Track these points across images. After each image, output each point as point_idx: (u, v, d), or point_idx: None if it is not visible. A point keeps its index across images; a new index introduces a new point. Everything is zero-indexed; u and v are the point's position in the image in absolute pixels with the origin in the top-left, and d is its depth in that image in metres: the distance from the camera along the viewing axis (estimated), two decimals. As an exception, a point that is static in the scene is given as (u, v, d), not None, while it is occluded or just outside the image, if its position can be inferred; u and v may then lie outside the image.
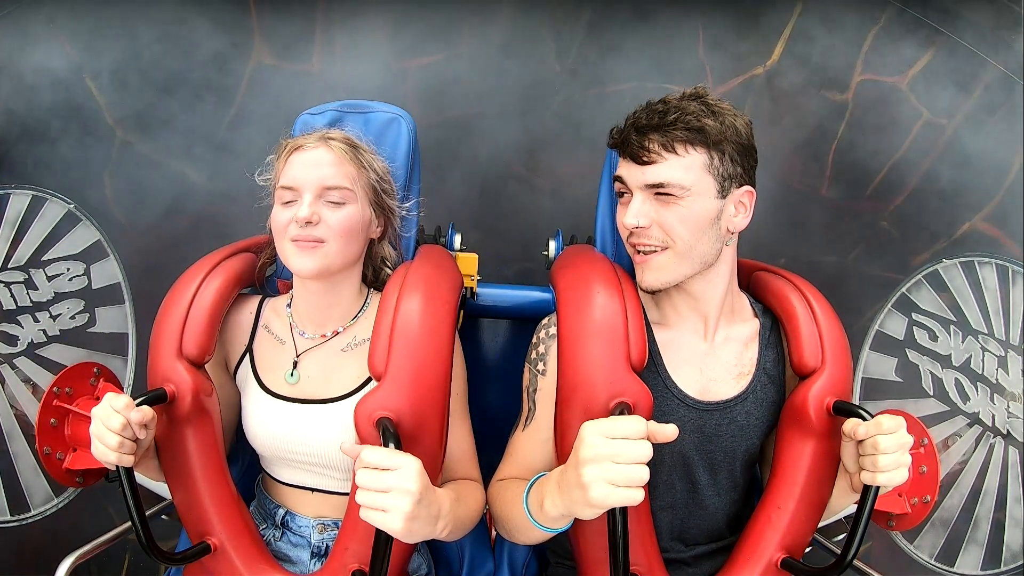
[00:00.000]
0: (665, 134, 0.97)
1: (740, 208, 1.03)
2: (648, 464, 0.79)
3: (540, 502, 0.90)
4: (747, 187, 1.03)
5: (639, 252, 1.03)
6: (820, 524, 1.05)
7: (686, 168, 0.97)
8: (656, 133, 0.97)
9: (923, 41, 1.74)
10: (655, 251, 1.01)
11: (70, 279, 1.78)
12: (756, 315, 1.13)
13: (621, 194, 1.06)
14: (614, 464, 0.78)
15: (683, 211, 0.99)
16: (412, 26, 1.77)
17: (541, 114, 1.81)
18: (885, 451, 0.88)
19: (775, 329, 1.12)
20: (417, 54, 1.78)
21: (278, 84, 1.78)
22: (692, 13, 1.76)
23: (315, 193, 1.04)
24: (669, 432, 0.82)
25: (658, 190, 0.99)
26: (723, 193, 1.00)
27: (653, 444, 0.80)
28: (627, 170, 1.02)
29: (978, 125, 1.75)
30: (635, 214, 1.00)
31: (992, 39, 1.73)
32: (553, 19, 1.77)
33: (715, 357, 1.08)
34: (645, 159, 0.98)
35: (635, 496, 0.78)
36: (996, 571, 1.81)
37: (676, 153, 0.97)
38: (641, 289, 1.05)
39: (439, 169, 1.83)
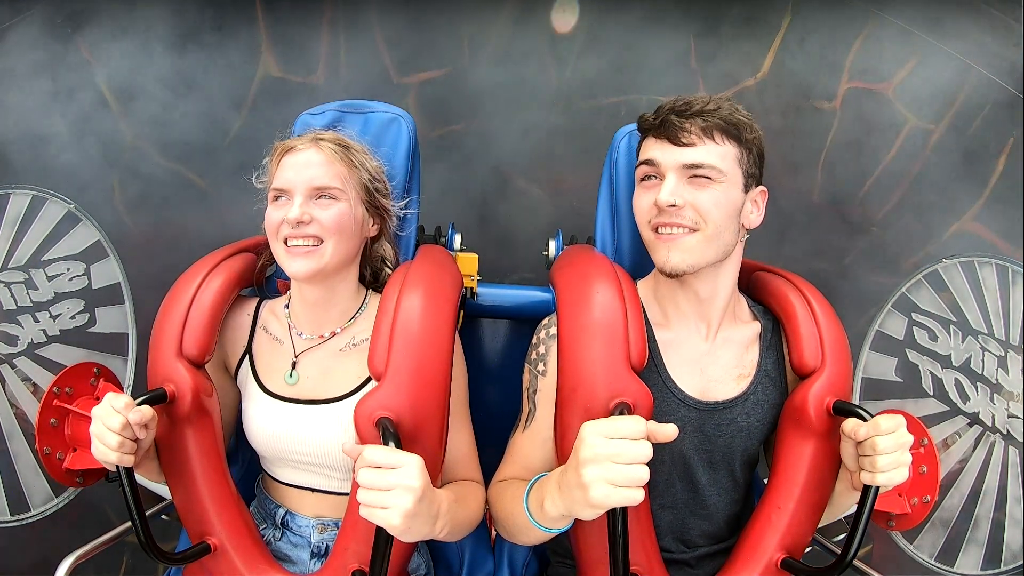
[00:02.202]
0: (706, 120, 1.00)
1: (755, 206, 1.07)
2: (648, 464, 0.79)
3: (540, 502, 0.90)
4: (762, 187, 1.08)
5: (667, 232, 1.02)
6: (821, 524, 1.05)
7: (721, 156, 1.00)
8: (698, 118, 1.00)
9: (907, 48, 1.78)
10: (684, 232, 1.01)
11: (70, 279, 1.78)
12: (756, 317, 1.13)
13: (648, 177, 1.05)
14: (614, 464, 0.78)
15: (718, 195, 1.00)
16: (414, 37, 1.81)
17: (541, 122, 1.84)
18: (884, 451, 0.88)
19: (776, 331, 1.12)
20: (418, 66, 1.81)
21: (283, 96, 1.81)
22: (684, 28, 1.80)
23: (305, 194, 1.04)
24: (669, 432, 0.82)
25: (695, 172, 1.00)
26: (746, 188, 1.04)
27: (653, 444, 0.81)
28: (661, 151, 1.02)
29: (963, 129, 1.78)
30: (671, 192, 1.00)
31: (975, 44, 1.77)
32: (551, 34, 1.81)
33: (715, 358, 1.08)
34: (684, 141, 1.00)
35: (635, 496, 0.78)
36: (996, 571, 1.81)
37: (714, 141, 1.00)
38: (663, 272, 1.04)
39: (440, 170, 1.83)
